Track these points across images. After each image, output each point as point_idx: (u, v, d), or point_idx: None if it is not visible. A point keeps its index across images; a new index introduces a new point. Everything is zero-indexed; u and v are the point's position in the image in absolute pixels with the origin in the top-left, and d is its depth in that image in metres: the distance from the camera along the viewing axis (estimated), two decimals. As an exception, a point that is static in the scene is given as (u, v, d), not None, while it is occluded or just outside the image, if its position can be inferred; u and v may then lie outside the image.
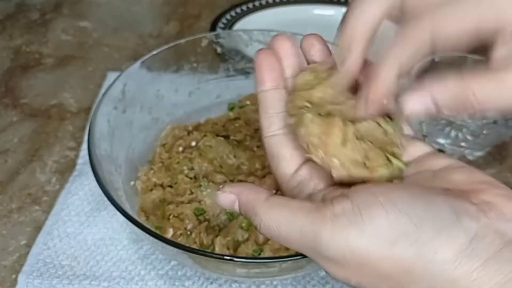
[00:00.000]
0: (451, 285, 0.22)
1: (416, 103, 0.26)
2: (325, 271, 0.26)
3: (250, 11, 0.76)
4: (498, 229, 0.23)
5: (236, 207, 0.28)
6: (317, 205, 0.25)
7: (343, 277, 0.25)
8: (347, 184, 0.27)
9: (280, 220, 0.26)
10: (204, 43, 0.54)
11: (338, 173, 0.27)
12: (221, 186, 0.29)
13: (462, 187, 0.25)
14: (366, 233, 0.23)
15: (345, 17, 0.29)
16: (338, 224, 0.24)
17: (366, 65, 0.29)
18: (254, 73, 0.31)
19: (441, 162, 0.28)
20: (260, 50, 0.31)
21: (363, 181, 0.27)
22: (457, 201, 0.24)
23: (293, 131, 0.29)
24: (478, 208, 0.24)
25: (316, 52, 0.31)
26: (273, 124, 0.30)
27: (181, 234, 0.43)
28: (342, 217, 0.24)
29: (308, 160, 0.29)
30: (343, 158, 0.27)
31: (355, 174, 0.27)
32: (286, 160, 0.29)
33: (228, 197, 0.28)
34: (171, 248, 0.36)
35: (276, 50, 0.31)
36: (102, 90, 0.62)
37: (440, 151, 0.56)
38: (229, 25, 0.73)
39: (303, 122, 0.28)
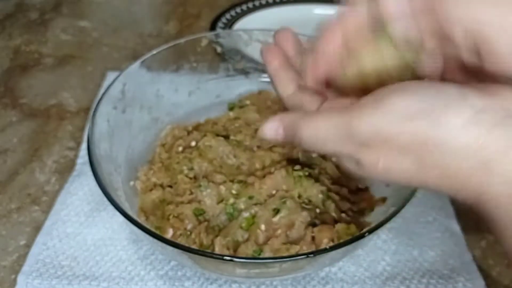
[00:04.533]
0: (462, 150, 0.25)
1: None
2: (357, 163, 0.29)
3: (250, 11, 0.76)
4: (501, 105, 0.26)
5: (280, 133, 0.32)
6: (344, 109, 0.29)
7: (372, 160, 0.28)
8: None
9: (317, 127, 0.30)
10: (204, 42, 0.54)
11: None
12: (221, 186, 0.30)
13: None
14: (386, 114, 0.27)
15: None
16: (364, 112, 0.28)
17: None
18: (262, 66, 0.37)
19: None
20: (264, 46, 0.37)
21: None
22: (464, 87, 0.27)
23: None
24: (482, 92, 0.27)
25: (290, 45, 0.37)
26: (288, 87, 0.35)
27: (180, 235, 0.43)
28: (366, 106, 0.28)
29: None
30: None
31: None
32: (307, 106, 0.34)
33: (272, 126, 0.32)
34: (171, 248, 0.36)
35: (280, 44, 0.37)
36: (102, 90, 0.62)
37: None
38: (229, 25, 0.73)
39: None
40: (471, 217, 0.49)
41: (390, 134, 0.27)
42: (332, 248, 0.36)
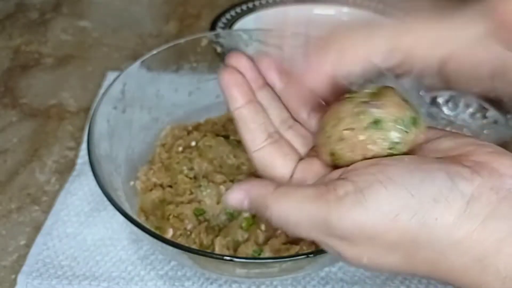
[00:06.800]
0: (455, 247, 0.24)
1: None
2: (338, 254, 0.26)
3: (250, 11, 0.76)
4: (493, 186, 0.24)
5: (245, 206, 0.29)
6: (320, 190, 0.26)
7: (355, 255, 0.26)
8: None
9: (289, 210, 0.27)
10: (204, 42, 0.54)
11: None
12: (221, 186, 0.30)
13: (452, 153, 0.26)
14: (370, 210, 0.24)
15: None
16: (344, 206, 0.25)
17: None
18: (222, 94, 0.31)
19: (427, 135, 0.29)
20: (222, 70, 0.31)
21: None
22: (450, 167, 0.25)
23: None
24: (472, 170, 0.25)
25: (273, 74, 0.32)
26: (257, 138, 0.31)
27: (181, 235, 0.43)
28: (346, 199, 0.25)
29: (300, 161, 0.30)
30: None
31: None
32: (280, 167, 0.30)
33: (237, 196, 0.29)
34: (171, 248, 0.36)
35: (236, 67, 0.31)
36: (102, 90, 0.62)
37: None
38: (229, 25, 0.73)
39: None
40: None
41: (375, 232, 0.24)
42: (332, 248, 0.36)
